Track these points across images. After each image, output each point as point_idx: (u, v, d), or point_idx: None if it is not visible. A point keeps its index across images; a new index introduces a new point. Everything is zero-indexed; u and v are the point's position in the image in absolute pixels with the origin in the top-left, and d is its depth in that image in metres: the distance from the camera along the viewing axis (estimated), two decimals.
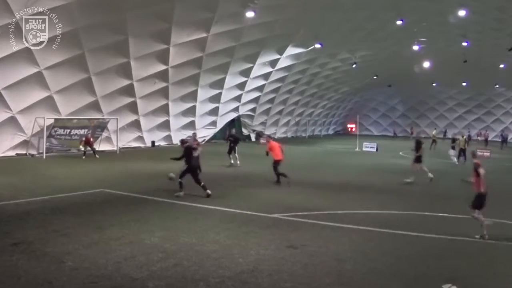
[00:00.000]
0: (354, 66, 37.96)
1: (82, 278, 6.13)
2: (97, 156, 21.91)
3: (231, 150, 19.99)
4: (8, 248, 7.32)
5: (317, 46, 30.52)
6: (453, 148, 24.14)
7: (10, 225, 8.72)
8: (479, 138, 49.41)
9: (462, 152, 23.68)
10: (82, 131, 24.11)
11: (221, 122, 35.97)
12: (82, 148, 22.61)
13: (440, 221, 10.30)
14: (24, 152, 22.15)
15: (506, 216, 10.58)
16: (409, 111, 61.31)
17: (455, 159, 23.39)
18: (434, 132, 39.35)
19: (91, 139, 23.12)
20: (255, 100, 37.93)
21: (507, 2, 23.29)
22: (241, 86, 33.92)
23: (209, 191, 12.08)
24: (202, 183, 12.16)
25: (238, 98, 35.44)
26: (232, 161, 19.88)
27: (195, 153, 12.69)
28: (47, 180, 14.70)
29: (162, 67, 25.28)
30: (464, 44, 30.48)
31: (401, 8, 25.50)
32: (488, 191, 8.86)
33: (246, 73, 32.39)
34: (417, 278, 6.55)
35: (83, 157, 21.63)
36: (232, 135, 21.28)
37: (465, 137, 24.85)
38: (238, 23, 24.04)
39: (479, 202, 8.81)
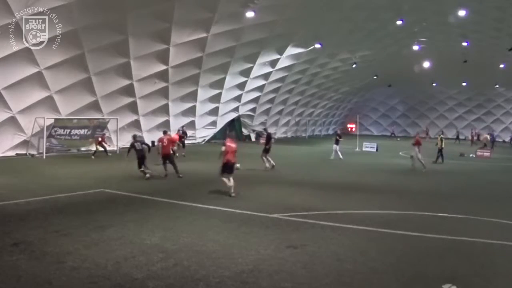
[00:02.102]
0: (354, 66, 37.98)
1: (82, 278, 6.13)
2: (109, 154, 23.08)
3: None
4: (8, 248, 7.31)
5: (317, 46, 30.53)
6: (336, 143, 24.55)
7: (10, 225, 8.71)
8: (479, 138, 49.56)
9: (440, 151, 23.72)
10: (82, 131, 24.13)
11: (221, 122, 35.98)
12: (94, 148, 23.32)
13: (440, 221, 10.29)
14: (24, 152, 22.15)
15: (505, 216, 10.59)
16: (409, 111, 61.33)
17: (339, 155, 23.92)
18: (486, 135, 39.97)
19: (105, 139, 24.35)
20: (255, 100, 37.94)
21: (506, 2, 23.30)
22: (241, 86, 33.92)
23: (148, 175, 15.21)
24: (142, 168, 15.51)
25: (238, 98, 35.45)
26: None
27: (138, 146, 15.98)
28: (47, 180, 14.70)
29: (162, 67, 25.29)
30: (464, 44, 30.49)
31: (401, 8, 25.53)
32: (230, 163, 12.69)
33: (246, 73, 32.40)
34: (417, 278, 6.55)
35: (92, 157, 21.90)
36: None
37: (442, 136, 24.75)
38: (238, 23, 24.05)
39: (224, 168, 12.68)
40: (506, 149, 39.70)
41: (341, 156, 23.95)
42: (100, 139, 23.62)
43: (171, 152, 16.54)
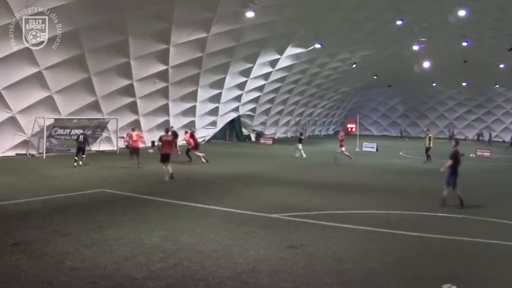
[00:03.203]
0: (354, 66, 37.98)
1: (82, 278, 6.13)
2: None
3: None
4: (8, 248, 7.31)
5: (317, 46, 30.52)
6: (300, 141, 25.49)
7: (10, 225, 8.71)
8: (480, 138, 49.83)
9: (427, 150, 23.84)
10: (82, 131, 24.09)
11: (221, 122, 35.97)
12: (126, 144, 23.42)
13: (440, 221, 10.29)
14: (24, 152, 22.14)
15: (505, 216, 10.59)
16: (409, 111, 61.29)
17: (302, 153, 24.86)
18: None
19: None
20: (255, 100, 37.92)
21: (507, 2, 23.29)
22: (241, 86, 33.91)
23: (75, 164, 17.52)
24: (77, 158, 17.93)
25: (238, 98, 35.43)
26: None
27: (81, 139, 18.36)
28: (47, 180, 14.70)
29: (162, 67, 25.28)
30: (464, 44, 30.47)
31: (401, 8, 25.53)
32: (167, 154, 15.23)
33: (246, 73, 32.38)
34: (417, 278, 6.55)
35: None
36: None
37: (430, 135, 24.89)
38: (238, 23, 24.04)
39: (162, 158, 15.30)
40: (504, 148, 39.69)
41: (304, 155, 24.73)
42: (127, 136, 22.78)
43: (140, 147, 19.11)
